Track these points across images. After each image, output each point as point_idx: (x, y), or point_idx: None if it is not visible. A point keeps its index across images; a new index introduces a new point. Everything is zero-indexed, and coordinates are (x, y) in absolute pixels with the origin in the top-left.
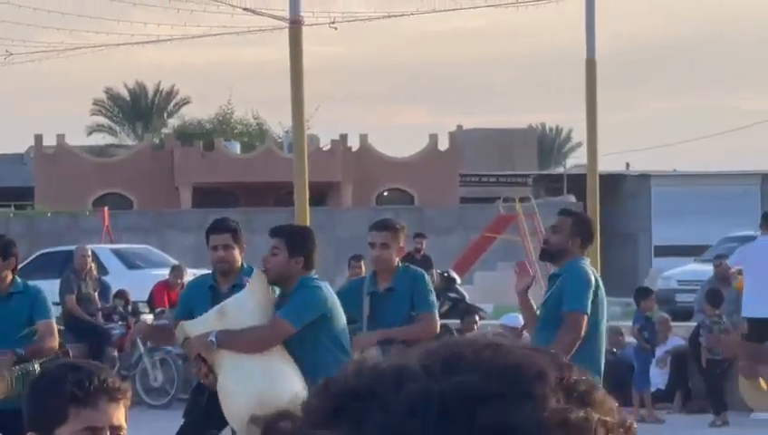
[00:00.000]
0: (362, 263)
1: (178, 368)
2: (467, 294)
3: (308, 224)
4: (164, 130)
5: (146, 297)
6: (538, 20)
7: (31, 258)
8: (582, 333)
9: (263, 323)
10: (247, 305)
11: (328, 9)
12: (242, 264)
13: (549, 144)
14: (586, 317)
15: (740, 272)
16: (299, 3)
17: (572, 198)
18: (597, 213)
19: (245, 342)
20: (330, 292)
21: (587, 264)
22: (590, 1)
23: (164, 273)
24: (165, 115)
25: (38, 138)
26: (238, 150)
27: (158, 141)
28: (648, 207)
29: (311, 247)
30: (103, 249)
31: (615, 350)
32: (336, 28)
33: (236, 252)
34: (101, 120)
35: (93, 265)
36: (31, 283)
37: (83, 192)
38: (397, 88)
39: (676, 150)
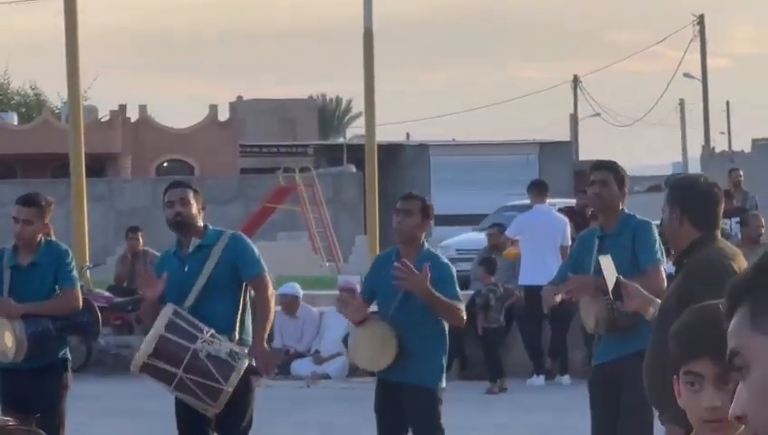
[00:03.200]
0: (140, 234)
1: None
2: None
3: (84, 195)
4: None
5: None
6: None
7: None
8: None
9: None
10: None
11: None
12: None
13: (329, 114)
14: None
15: (514, 242)
16: None
17: (353, 168)
18: (375, 182)
19: None
20: None
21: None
22: None
23: None
24: None
25: None
26: (15, 121)
27: None
28: (427, 176)
29: None
30: None
31: None
32: None
33: None
34: None
35: None
36: None
37: None
38: (176, 59)
39: (455, 120)
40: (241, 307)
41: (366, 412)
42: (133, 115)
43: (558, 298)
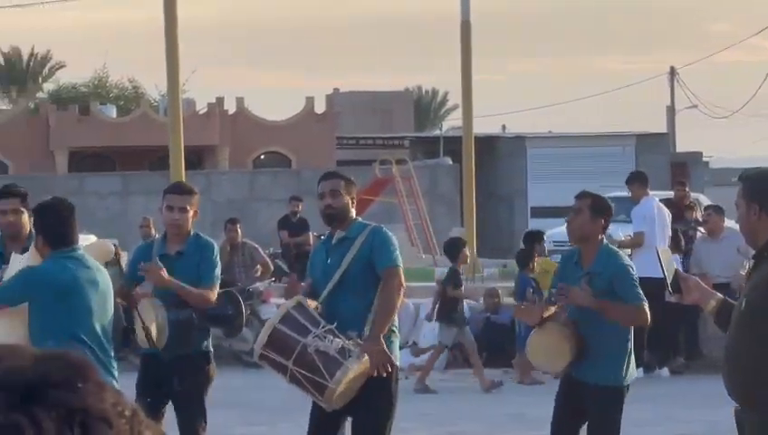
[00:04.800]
0: (238, 226)
1: None
2: None
3: None
4: (39, 95)
5: None
6: None
7: None
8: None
9: None
10: (19, 266)
11: None
12: (31, 229)
13: (425, 106)
14: (401, 270)
15: (637, 235)
16: None
17: (449, 160)
18: (472, 175)
19: None
20: (66, 272)
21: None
22: None
23: None
24: (40, 79)
25: None
26: (114, 114)
27: (33, 106)
28: (523, 168)
29: (46, 225)
30: None
31: (490, 313)
32: None
33: (25, 217)
34: None
35: None
36: None
37: None
38: (273, 51)
39: (552, 112)
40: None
41: (464, 403)
42: (230, 108)
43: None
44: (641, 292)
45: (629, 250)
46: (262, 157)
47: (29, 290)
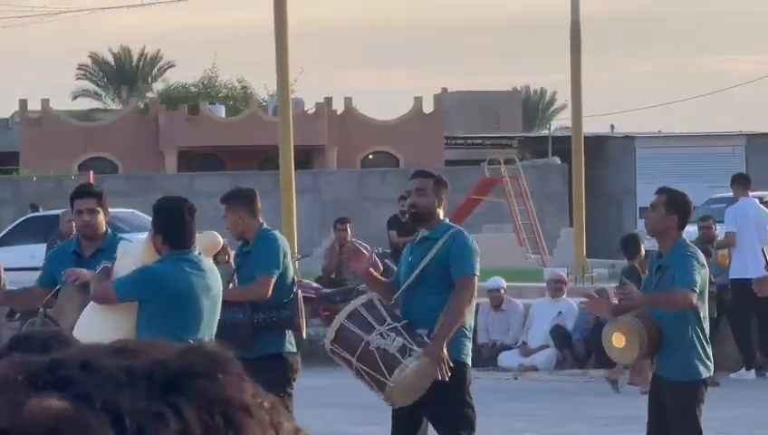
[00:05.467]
0: (348, 225)
1: None
2: None
3: (293, 187)
4: (149, 95)
5: None
6: None
7: (17, 223)
8: (476, 293)
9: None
10: (131, 261)
11: None
12: (106, 229)
13: (534, 106)
14: (476, 278)
15: (730, 237)
16: None
17: (557, 160)
18: (582, 175)
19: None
20: (182, 276)
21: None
22: None
23: None
24: (149, 79)
25: (23, 102)
26: (223, 114)
27: (142, 106)
28: (632, 168)
29: (167, 224)
30: None
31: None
32: None
33: (101, 217)
34: (86, 84)
35: None
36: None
37: (69, 156)
38: (381, 51)
39: (660, 112)
40: None
41: (573, 404)
42: (339, 108)
43: None
44: (697, 280)
45: (726, 251)
46: (370, 156)
47: (143, 290)
